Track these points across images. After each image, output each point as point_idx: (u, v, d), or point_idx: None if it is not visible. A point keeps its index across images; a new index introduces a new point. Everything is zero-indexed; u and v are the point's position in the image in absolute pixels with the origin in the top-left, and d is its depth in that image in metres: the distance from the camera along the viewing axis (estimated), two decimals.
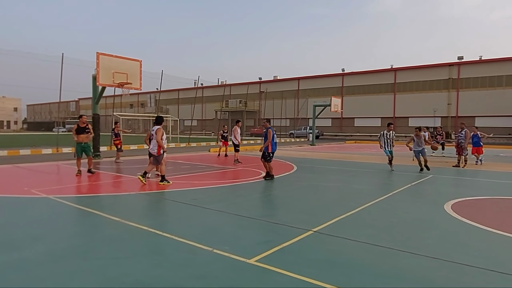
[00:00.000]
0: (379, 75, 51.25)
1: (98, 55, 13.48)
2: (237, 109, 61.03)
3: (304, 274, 3.47)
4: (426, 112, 46.25)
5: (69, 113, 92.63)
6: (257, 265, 3.69)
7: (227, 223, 5.48)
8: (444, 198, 7.47)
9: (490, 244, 4.63)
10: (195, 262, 3.80)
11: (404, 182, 9.72)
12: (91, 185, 9.15)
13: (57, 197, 7.21)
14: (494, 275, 3.56)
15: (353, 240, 4.62)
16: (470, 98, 43.85)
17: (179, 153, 19.34)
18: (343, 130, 53.74)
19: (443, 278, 3.50)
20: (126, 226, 5.15)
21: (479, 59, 45.12)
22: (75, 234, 4.89)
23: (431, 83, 46.91)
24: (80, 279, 3.36)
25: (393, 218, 5.93)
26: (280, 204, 7.33)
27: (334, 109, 31.06)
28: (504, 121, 41.60)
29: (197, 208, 6.39)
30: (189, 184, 9.09)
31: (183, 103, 72.61)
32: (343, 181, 9.99)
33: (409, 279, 3.47)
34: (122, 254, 4.01)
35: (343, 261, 3.90)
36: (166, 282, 3.31)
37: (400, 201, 7.26)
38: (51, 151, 18.39)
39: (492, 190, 8.70)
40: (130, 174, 10.73)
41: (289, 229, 5.03)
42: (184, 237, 4.57)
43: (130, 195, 7.77)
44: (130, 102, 78.37)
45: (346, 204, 6.86)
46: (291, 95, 56.48)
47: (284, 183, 9.62)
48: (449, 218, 5.86)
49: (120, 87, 14.31)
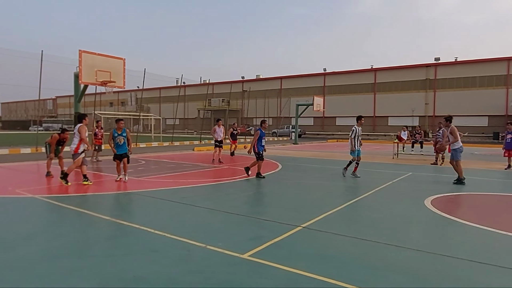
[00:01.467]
0: (360, 75, 52.19)
1: (80, 53, 13.27)
2: (219, 108, 60.88)
3: (297, 267, 3.62)
4: (404, 112, 47.47)
5: (46, 112, 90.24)
6: (251, 260, 3.82)
7: (218, 220, 5.58)
8: (424, 194, 7.78)
9: (469, 237, 4.92)
10: (191, 258, 3.90)
11: (385, 180, 10.02)
12: (76, 185, 9.05)
13: (43, 196, 7.14)
14: (475, 266, 3.80)
15: (341, 235, 4.81)
16: (446, 98, 45.23)
17: (162, 152, 19.25)
18: (325, 129, 54.45)
19: (427, 269, 3.71)
20: (117, 225, 5.19)
21: (454, 61, 46.58)
22: (67, 232, 4.89)
23: (409, 83, 48.11)
24: (79, 276, 3.41)
25: (377, 214, 6.17)
26: (268, 201, 7.48)
27: (316, 109, 31.47)
28: (478, 120, 43.15)
29: (187, 206, 6.47)
30: (176, 183, 9.12)
31: (165, 101, 71.91)
32: (327, 179, 10.23)
33: (396, 270, 3.67)
34: (117, 252, 4.07)
35: (333, 255, 4.08)
36: (165, 277, 3.40)
37: (383, 198, 7.53)
38: (30, 151, 17.99)
39: (470, 186, 9.11)
40: (113, 173, 10.66)
41: (279, 225, 5.19)
42: (177, 235, 4.66)
43: (118, 194, 7.76)
44: (110, 101, 76.95)
45: (332, 201, 7.08)
46: (273, 94, 56.78)
47: (271, 181, 9.78)
48: (429, 213, 6.14)
49: (103, 85, 14.13)
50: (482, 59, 43.75)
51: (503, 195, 8.02)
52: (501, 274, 3.60)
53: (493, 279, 3.49)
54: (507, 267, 3.73)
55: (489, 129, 41.82)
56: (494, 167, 13.73)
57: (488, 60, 43.25)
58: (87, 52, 13.48)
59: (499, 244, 4.59)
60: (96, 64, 13.63)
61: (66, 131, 10.49)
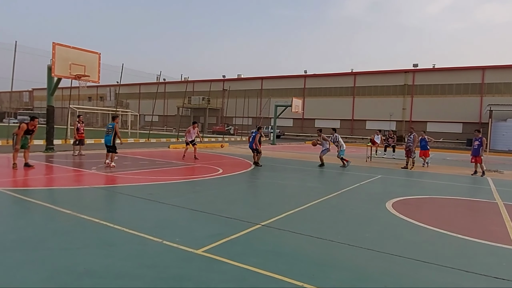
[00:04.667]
0: (340, 79, 52.97)
1: (54, 45, 13.04)
2: (199, 106, 60.62)
3: (249, 264, 3.72)
4: (382, 116, 48.43)
5: (22, 104, 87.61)
6: (205, 255, 3.91)
7: (180, 217, 5.64)
8: (388, 196, 8.05)
9: (420, 238, 5.14)
10: (146, 253, 3.95)
11: (355, 181, 10.29)
12: (43, 178, 8.93)
13: (5, 189, 7.01)
14: (419, 264, 4.00)
15: (299, 233, 4.95)
16: (423, 104, 46.42)
17: (137, 149, 19.06)
18: (304, 130, 54.96)
19: (374, 267, 3.89)
20: (78, 219, 5.18)
21: (432, 67, 47.86)
22: (25, 226, 4.85)
23: (387, 88, 49.14)
24: (29, 268, 3.42)
25: (339, 214, 6.36)
26: (234, 199, 7.57)
27: (295, 110, 31.78)
28: (453, 127, 44.51)
29: (152, 202, 6.49)
30: (146, 179, 9.11)
31: (144, 98, 70.98)
32: (298, 179, 10.41)
33: (344, 267, 3.84)
34: (73, 245, 4.08)
35: (287, 252, 4.20)
36: (116, 270, 3.45)
37: (348, 199, 7.74)
38: (0, 143, 17.49)
39: (434, 190, 9.46)
40: (85, 168, 10.54)
41: (239, 223, 5.29)
42: (136, 230, 4.69)
43: (85, 188, 7.70)
44: (89, 95, 75.42)
45: (297, 201, 7.23)
46: (254, 94, 56.91)
47: (241, 180, 9.88)
48: (388, 215, 6.37)
49: (77, 79, 13.92)
50: (459, 67, 45.17)
51: (462, 199, 8.38)
52: (444, 273, 3.80)
53: (434, 277, 3.68)
54: (450, 267, 3.93)
55: (463, 135, 43.11)
56: (462, 172, 14.25)
57: (464, 68, 44.69)
58: (61, 45, 13.26)
59: (447, 245, 4.82)
60: (70, 57, 13.43)
61: (35, 119, 10.30)
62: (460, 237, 5.14)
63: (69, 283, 3.15)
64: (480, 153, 13.23)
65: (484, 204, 7.91)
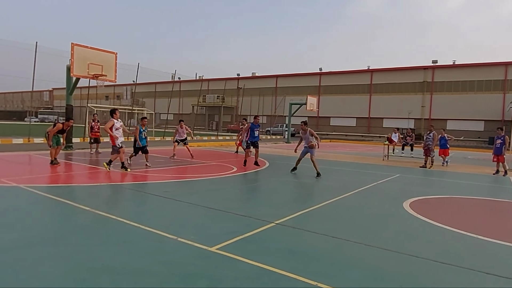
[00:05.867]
0: (356, 76, 52.31)
1: (73, 45, 13.31)
2: (214, 105, 60.88)
3: (264, 262, 3.72)
4: (400, 114, 47.56)
5: (43, 103, 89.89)
6: (219, 253, 3.92)
7: (195, 214, 5.68)
8: (406, 196, 7.90)
9: (439, 238, 5.03)
10: (162, 250, 3.99)
11: (371, 180, 10.16)
12: (63, 176, 9.14)
13: (28, 186, 7.20)
14: (438, 265, 3.91)
15: (314, 232, 4.92)
16: (443, 102, 45.38)
17: (153, 147, 19.28)
18: (319, 128, 54.52)
19: (391, 267, 3.83)
20: (97, 216, 5.27)
21: (452, 64, 46.74)
22: (46, 222, 4.98)
23: (406, 86, 48.24)
24: (49, 264, 3.50)
25: (355, 213, 6.29)
26: (249, 198, 7.58)
27: (309, 108, 31.60)
28: (474, 125, 43.32)
29: (168, 200, 6.56)
30: (162, 177, 9.21)
31: (160, 96, 71.74)
32: (313, 178, 10.33)
33: (360, 266, 3.78)
34: (91, 242, 4.16)
35: (302, 250, 4.18)
36: (132, 267, 3.50)
37: (364, 198, 7.65)
38: (22, 141, 17.99)
39: (454, 190, 9.26)
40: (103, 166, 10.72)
41: (254, 221, 5.29)
42: (152, 227, 4.75)
43: (102, 186, 7.83)
44: (106, 94, 76.76)
45: (312, 199, 7.20)
46: (269, 92, 56.85)
47: (256, 178, 9.88)
48: (406, 215, 6.26)
49: (95, 78, 14.18)
50: (480, 63, 43.92)
51: (483, 199, 8.18)
52: (463, 274, 3.71)
53: (453, 279, 3.60)
54: (470, 268, 3.83)
55: (485, 133, 41.93)
56: (483, 171, 13.91)
57: (486, 64, 43.44)
58: (79, 45, 13.52)
59: (467, 246, 4.72)
60: (88, 57, 13.68)
61: (70, 120, 11.01)
62: (480, 238, 5.01)
63: (88, 278, 3.21)
64: (502, 151, 12.88)
65: (506, 204, 7.70)
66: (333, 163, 15.14)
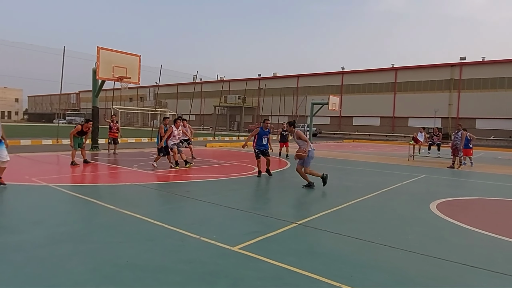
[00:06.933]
0: (380, 74, 51.34)
1: (98, 49, 13.68)
2: (235, 105, 61.17)
3: (285, 262, 3.70)
4: (426, 113, 46.20)
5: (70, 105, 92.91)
6: (241, 253, 3.93)
7: (217, 214, 5.71)
8: (432, 197, 7.68)
9: (467, 241, 4.86)
10: (184, 248, 4.04)
11: (396, 181, 9.94)
12: (89, 175, 9.41)
13: (56, 185, 7.44)
14: (466, 269, 3.78)
15: (336, 233, 4.85)
16: (471, 100, 43.82)
17: None
18: (341, 128, 53.94)
19: (416, 270, 3.72)
20: (121, 214, 5.39)
21: (481, 60, 45.07)
22: (73, 220, 5.13)
23: (432, 83, 46.91)
24: (77, 260, 3.61)
25: (378, 214, 6.16)
26: (270, 198, 7.57)
27: (331, 108, 31.27)
28: (505, 123, 41.60)
29: (189, 199, 6.63)
30: (184, 177, 9.33)
31: (182, 97, 72.70)
32: (335, 178, 10.19)
33: (384, 269, 3.70)
34: (116, 239, 4.25)
35: (324, 251, 4.13)
36: (156, 264, 3.55)
37: (388, 199, 7.48)
38: (51, 142, 18.62)
39: (483, 191, 8.94)
40: (127, 166, 10.97)
41: (275, 221, 5.27)
42: (175, 226, 4.81)
43: (126, 185, 8.00)
44: (130, 96, 78.55)
45: (334, 200, 7.09)
46: (290, 92, 56.61)
47: (277, 178, 9.85)
48: (432, 216, 6.08)
49: (119, 81, 14.51)
50: (511, 59, 42.13)
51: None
52: (493, 278, 3.57)
53: (483, 283, 3.47)
54: (501, 272, 3.69)
55: None
56: None
57: None
58: (105, 49, 13.87)
59: (498, 250, 4.53)
60: (113, 60, 14.02)
61: (89, 121, 11.27)
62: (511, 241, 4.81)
63: (112, 274, 3.29)
64: None
65: None
66: (355, 163, 14.91)
